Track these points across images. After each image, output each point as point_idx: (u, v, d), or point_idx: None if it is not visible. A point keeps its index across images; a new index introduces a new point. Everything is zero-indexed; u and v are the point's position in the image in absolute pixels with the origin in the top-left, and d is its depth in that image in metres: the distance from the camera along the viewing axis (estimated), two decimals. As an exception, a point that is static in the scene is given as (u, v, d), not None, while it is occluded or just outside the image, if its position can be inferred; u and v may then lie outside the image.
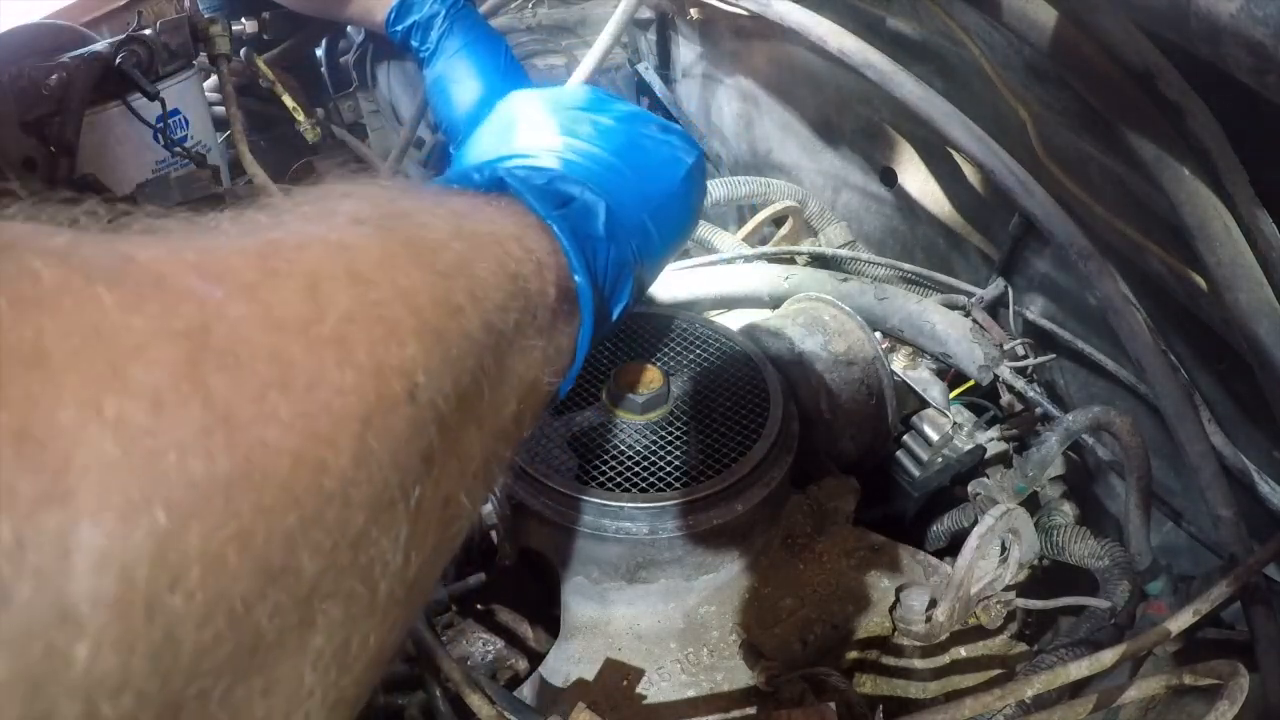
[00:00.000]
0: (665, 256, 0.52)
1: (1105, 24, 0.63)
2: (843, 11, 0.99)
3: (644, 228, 0.47)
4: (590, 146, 0.47)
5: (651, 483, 0.67)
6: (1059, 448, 0.76)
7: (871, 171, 1.18)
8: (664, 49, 1.52)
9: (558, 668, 0.65)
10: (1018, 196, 0.81)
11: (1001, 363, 0.87)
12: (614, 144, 0.48)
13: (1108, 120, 0.68)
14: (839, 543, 0.72)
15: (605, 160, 0.47)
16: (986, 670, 0.69)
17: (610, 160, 0.47)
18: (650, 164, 0.49)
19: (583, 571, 0.68)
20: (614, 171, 0.47)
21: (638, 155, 0.48)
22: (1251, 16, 0.46)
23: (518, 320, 0.34)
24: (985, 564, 0.66)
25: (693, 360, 0.79)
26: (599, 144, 0.47)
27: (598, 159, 0.47)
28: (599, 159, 0.47)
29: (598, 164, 0.47)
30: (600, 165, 0.47)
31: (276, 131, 1.50)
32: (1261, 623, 0.65)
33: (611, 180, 0.46)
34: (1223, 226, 0.62)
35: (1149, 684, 0.57)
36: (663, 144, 0.52)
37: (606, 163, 0.47)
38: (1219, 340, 0.74)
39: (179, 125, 1.10)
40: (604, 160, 0.47)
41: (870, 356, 0.83)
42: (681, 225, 0.53)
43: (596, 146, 0.47)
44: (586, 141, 0.47)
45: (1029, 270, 0.97)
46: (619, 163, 0.47)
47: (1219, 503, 0.70)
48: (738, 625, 0.66)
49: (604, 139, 0.48)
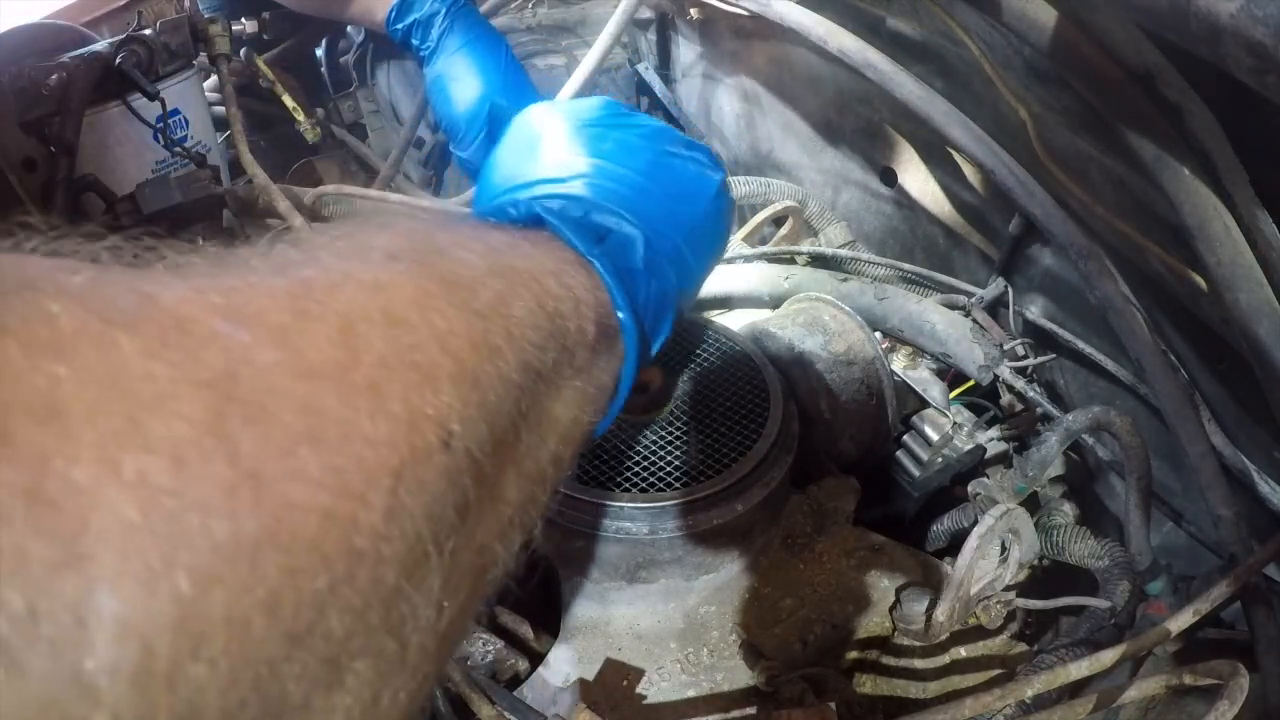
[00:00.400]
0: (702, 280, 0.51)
1: (1105, 24, 0.63)
2: (843, 11, 0.99)
3: (680, 254, 0.46)
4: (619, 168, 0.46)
5: (651, 483, 0.67)
6: (1059, 448, 0.76)
7: (871, 171, 1.18)
8: (664, 49, 1.52)
9: (558, 668, 0.65)
10: (1018, 196, 0.81)
11: (1001, 363, 0.87)
12: (641, 164, 0.46)
13: (1108, 120, 0.68)
14: (839, 543, 0.72)
15: (636, 183, 0.45)
16: (986, 670, 0.69)
17: (640, 182, 0.45)
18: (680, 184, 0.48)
19: (583, 571, 0.68)
20: (646, 195, 0.45)
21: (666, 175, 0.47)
22: (1251, 16, 0.46)
23: (556, 359, 0.32)
24: (985, 564, 0.66)
25: (693, 360, 0.79)
26: (627, 164, 0.46)
27: (628, 181, 0.45)
28: (629, 181, 0.45)
29: (629, 188, 0.45)
30: (632, 189, 0.45)
31: (276, 131, 1.50)
32: (1261, 623, 0.65)
33: (645, 206, 0.45)
34: (1223, 226, 0.62)
35: (1149, 684, 0.57)
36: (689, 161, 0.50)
37: (638, 185, 0.45)
38: (1219, 340, 0.74)
39: (179, 125, 1.10)
40: (634, 183, 0.45)
41: (870, 356, 0.83)
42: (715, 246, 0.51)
43: (625, 167, 0.46)
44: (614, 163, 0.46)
45: (1029, 270, 0.97)
46: (649, 184, 0.46)
47: (1219, 503, 0.70)
48: (738, 625, 0.66)
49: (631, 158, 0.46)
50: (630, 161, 0.46)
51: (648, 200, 0.45)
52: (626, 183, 0.45)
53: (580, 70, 1.10)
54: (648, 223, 0.43)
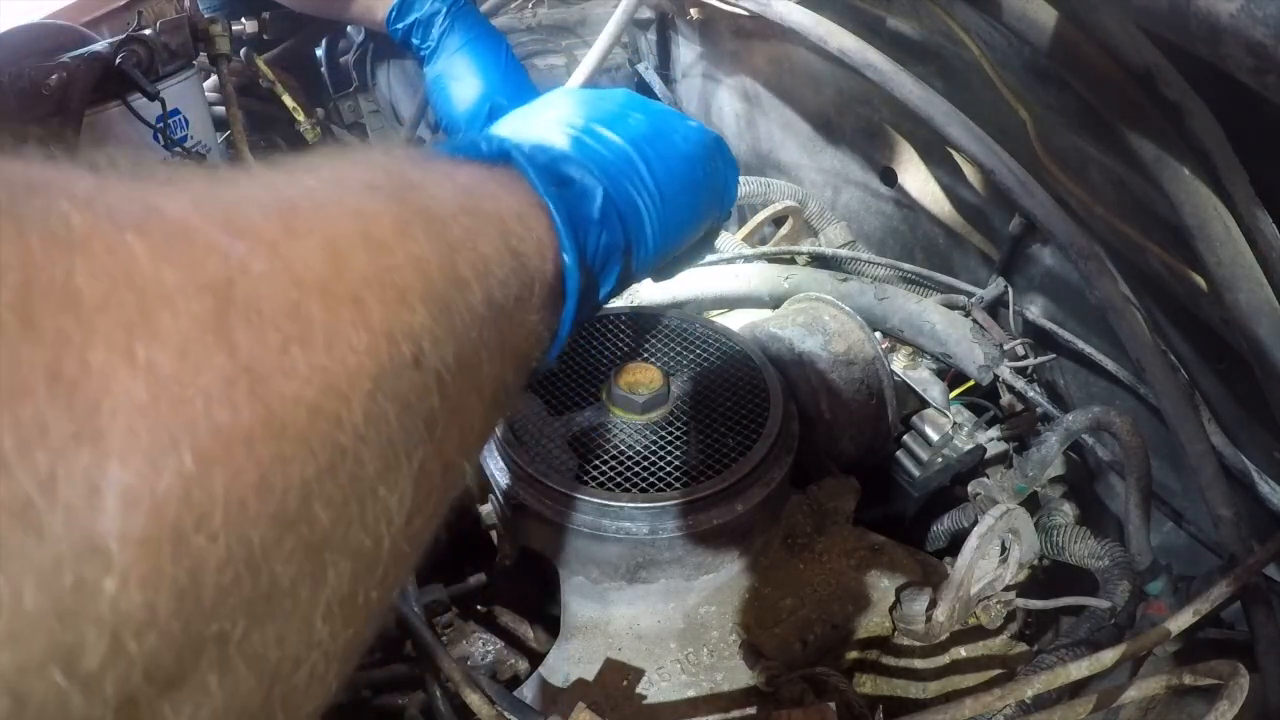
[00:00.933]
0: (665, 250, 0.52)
1: (1105, 24, 0.63)
2: (843, 11, 0.99)
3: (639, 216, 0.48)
4: (608, 132, 0.48)
5: (651, 483, 0.67)
6: (1059, 448, 0.76)
7: (871, 171, 1.18)
8: (664, 49, 1.52)
9: (558, 668, 0.65)
10: (1018, 196, 0.81)
11: (1001, 363, 0.87)
12: (633, 134, 0.49)
13: (1108, 120, 0.68)
14: (839, 543, 0.72)
15: (617, 147, 0.48)
16: (986, 670, 0.69)
17: (622, 148, 0.48)
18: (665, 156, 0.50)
19: (583, 571, 0.68)
20: (623, 158, 0.47)
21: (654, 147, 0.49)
22: (1251, 16, 0.46)
23: (517, 296, 0.35)
24: (985, 564, 0.66)
25: (693, 360, 0.79)
26: (618, 131, 0.48)
27: (610, 144, 0.48)
28: (611, 145, 0.48)
29: (609, 149, 0.47)
30: (611, 151, 0.47)
31: (276, 131, 1.50)
32: (1261, 623, 0.65)
33: (617, 166, 0.47)
34: (1223, 226, 0.62)
35: (1149, 684, 0.57)
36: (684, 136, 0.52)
37: (618, 149, 0.48)
38: (1219, 340, 0.74)
39: (179, 125, 1.10)
40: (616, 147, 0.48)
41: (870, 356, 0.83)
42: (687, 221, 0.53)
43: (614, 133, 0.48)
44: (606, 127, 0.49)
45: (1029, 270, 0.97)
46: (631, 151, 0.48)
47: (1219, 503, 0.70)
48: (738, 625, 0.66)
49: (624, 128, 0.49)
50: (621, 130, 0.49)
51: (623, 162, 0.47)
52: (607, 144, 0.47)
53: (580, 70, 1.10)
54: (614, 181, 0.46)
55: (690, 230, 0.54)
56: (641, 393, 0.72)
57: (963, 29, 0.84)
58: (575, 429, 0.72)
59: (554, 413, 0.73)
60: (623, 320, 0.84)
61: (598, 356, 0.79)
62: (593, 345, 0.81)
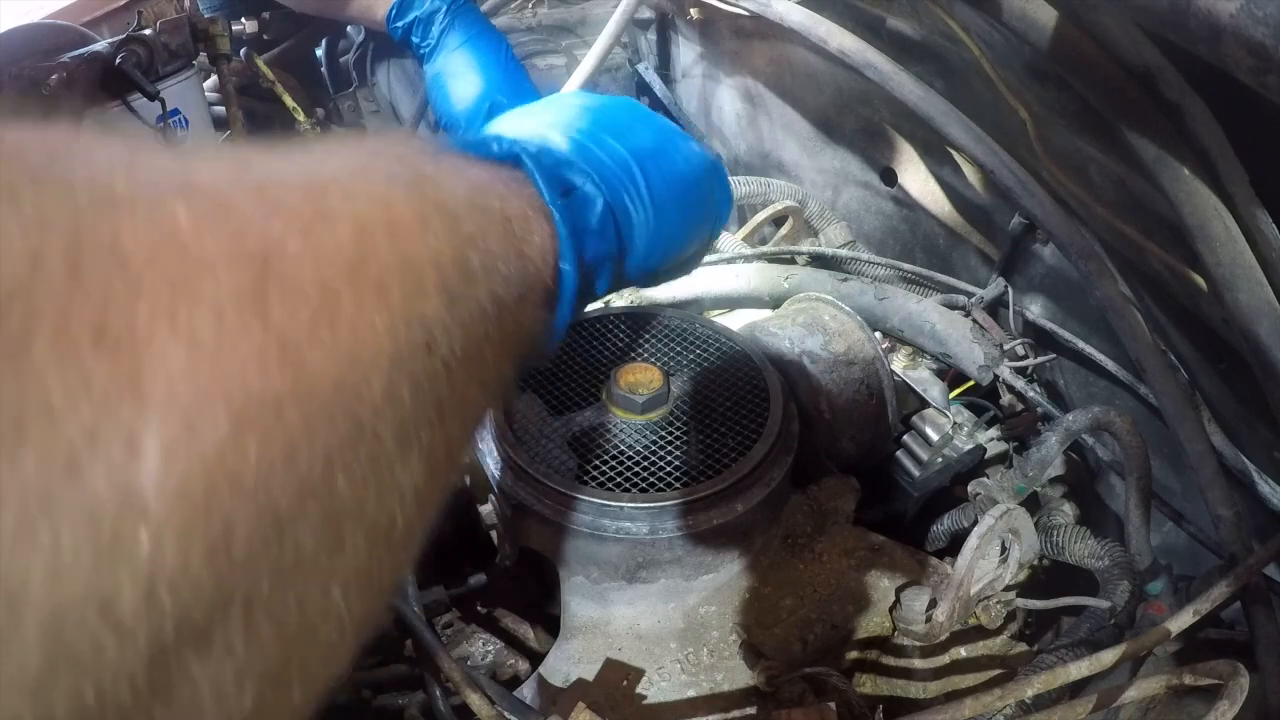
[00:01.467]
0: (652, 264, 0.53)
1: (1105, 24, 0.63)
2: (843, 11, 0.99)
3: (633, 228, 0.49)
4: (614, 141, 0.49)
5: (651, 483, 0.67)
6: (1059, 448, 0.76)
7: (871, 171, 1.18)
8: (664, 49, 1.52)
9: (558, 668, 0.65)
10: (1018, 196, 0.81)
11: (1001, 363, 0.87)
12: (637, 147, 0.50)
13: (1108, 120, 0.68)
14: (839, 543, 0.72)
15: (621, 157, 0.49)
16: (986, 670, 0.69)
17: (625, 159, 0.49)
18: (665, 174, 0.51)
19: (583, 571, 0.68)
20: (624, 169, 0.49)
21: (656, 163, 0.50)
22: (1251, 16, 0.46)
23: (519, 294, 0.36)
24: (985, 564, 0.66)
25: (693, 360, 0.79)
26: (623, 141, 0.50)
27: (614, 153, 0.49)
28: (615, 154, 0.49)
29: (613, 158, 0.48)
30: (614, 160, 0.48)
31: (276, 131, 1.50)
32: (1261, 623, 0.65)
33: (618, 176, 0.48)
34: (1223, 226, 0.62)
35: (1149, 684, 0.57)
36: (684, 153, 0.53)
37: (621, 160, 0.49)
38: (1219, 340, 0.74)
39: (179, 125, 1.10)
40: (620, 157, 0.49)
41: (870, 356, 0.83)
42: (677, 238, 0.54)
43: (619, 143, 0.49)
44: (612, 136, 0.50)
45: (1029, 270, 0.97)
46: (633, 163, 0.49)
47: (1219, 503, 0.70)
48: (738, 625, 0.66)
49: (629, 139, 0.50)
50: (625, 140, 0.50)
51: (623, 171, 0.48)
52: (613, 155, 0.48)
53: (580, 70, 1.10)
54: (613, 190, 0.47)
55: (678, 249, 0.55)
56: (641, 393, 0.72)
57: (962, 29, 0.84)
58: (575, 429, 0.72)
59: (554, 413, 0.73)
60: (623, 320, 0.84)
61: (598, 356, 0.79)
62: (593, 345, 0.81)
